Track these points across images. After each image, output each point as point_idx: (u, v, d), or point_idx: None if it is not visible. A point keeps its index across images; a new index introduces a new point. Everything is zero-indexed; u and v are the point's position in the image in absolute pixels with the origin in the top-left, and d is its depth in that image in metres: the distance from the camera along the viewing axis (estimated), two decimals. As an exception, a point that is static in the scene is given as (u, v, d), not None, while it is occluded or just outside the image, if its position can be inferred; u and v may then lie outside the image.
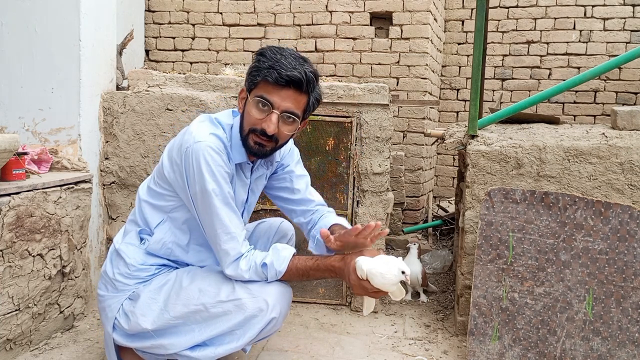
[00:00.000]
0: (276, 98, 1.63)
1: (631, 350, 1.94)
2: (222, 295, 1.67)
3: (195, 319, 1.68)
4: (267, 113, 1.64)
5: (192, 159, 1.63)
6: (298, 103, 1.67)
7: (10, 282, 1.93)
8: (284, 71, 1.59)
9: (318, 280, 2.65)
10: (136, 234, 1.83)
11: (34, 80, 2.50)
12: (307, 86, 1.65)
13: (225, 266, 1.68)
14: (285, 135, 1.70)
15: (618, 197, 2.17)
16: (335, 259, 1.67)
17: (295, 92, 1.64)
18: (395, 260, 1.58)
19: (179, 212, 1.79)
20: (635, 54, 2.26)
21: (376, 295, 1.63)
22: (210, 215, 1.66)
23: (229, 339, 1.67)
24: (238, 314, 1.65)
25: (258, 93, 1.64)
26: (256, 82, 1.65)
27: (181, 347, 1.68)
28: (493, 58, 5.14)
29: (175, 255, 1.82)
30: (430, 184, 5.12)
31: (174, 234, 1.80)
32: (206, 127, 1.70)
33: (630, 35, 4.84)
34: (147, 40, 4.98)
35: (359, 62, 4.60)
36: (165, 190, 1.78)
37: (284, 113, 1.65)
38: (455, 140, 2.45)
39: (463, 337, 2.29)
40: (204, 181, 1.62)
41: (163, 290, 1.73)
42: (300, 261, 1.70)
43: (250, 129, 1.67)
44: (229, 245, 1.67)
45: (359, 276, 1.58)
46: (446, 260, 3.31)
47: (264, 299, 1.65)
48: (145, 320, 1.69)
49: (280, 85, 1.61)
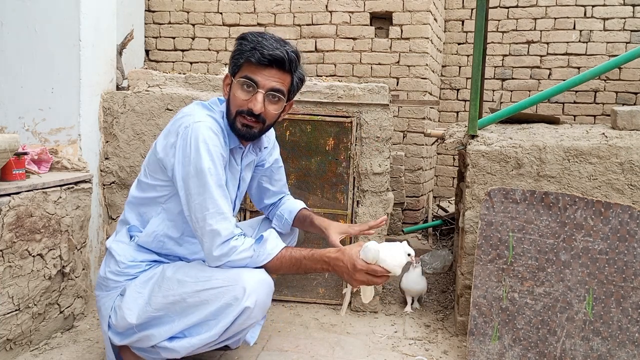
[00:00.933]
0: (260, 77, 1.66)
1: (631, 350, 1.94)
2: (200, 285, 1.64)
3: (175, 309, 1.66)
4: (252, 93, 1.68)
5: (191, 137, 1.62)
6: (282, 82, 1.70)
7: (10, 282, 1.93)
8: (266, 51, 1.63)
9: (318, 280, 2.65)
10: (126, 231, 1.83)
11: (34, 80, 2.50)
12: (290, 65, 1.69)
13: (215, 246, 1.62)
14: (272, 114, 1.73)
15: (618, 197, 2.17)
16: (330, 250, 1.67)
17: (278, 71, 1.68)
18: (399, 244, 1.66)
19: (173, 203, 1.76)
20: (635, 54, 2.26)
21: (378, 282, 1.63)
22: (203, 194, 1.61)
23: (204, 329, 1.64)
24: (214, 303, 1.62)
25: (242, 74, 1.67)
26: (240, 65, 1.68)
27: (161, 337, 1.66)
28: (493, 58, 5.14)
29: (167, 248, 1.80)
30: (430, 184, 5.12)
31: (166, 226, 1.78)
32: (203, 110, 1.72)
33: (630, 35, 4.84)
34: (147, 40, 4.98)
35: (359, 62, 4.60)
36: (157, 180, 1.76)
37: (269, 92, 1.68)
38: (455, 140, 2.45)
39: (463, 337, 2.29)
40: (200, 159, 1.61)
41: (149, 284, 1.72)
42: (295, 250, 1.71)
43: (237, 110, 1.70)
44: (222, 225, 1.62)
45: (367, 261, 1.60)
46: (446, 260, 3.31)
47: (241, 287, 1.60)
48: (131, 315, 1.68)
49: (264, 65, 1.65)
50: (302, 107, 2.61)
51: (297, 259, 1.67)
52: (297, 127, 2.60)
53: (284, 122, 2.58)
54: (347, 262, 1.62)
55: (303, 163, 2.61)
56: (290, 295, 2.67)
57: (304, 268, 1.69)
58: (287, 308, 2.62)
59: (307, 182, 2.62)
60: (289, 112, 2.58)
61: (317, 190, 2.62)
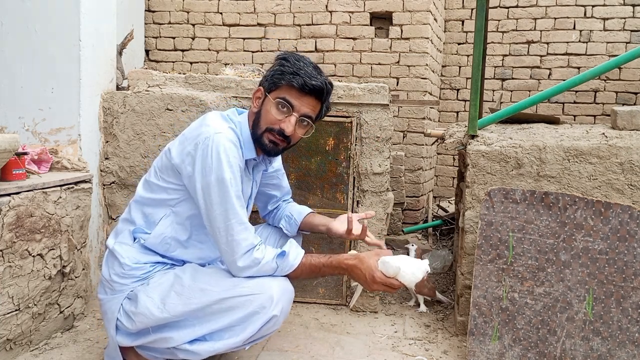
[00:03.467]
0: (297, 102, 1.74)
1: (631, 350, 1.94)
2: (225, 293, 1.67)
3: (197, 315, 1.68)
4: (286, 115, 1.74)
5: (212, 148, 1.66)
6: (314, 109, 1.79)
7: (10, 282, 1.93)
8: (309, 79, 1.72)
9: (318, 280, 2.65)
10: (129, 232, 1.83)
11: (34, 80, 2.50)
12: (325, 96, 1.79)
13: (238, 257, 1.67)
14: (298, 137, 1.81)
15: (618, 197, 2.17)
16: (347, 257, 1.77)
17: (314, 99, 1.77)
18: (417, 261, 1.77)
19: (183, 207, 1.78)
20: (635, 54, 2.26)
21: (392, 291, 1.76)
22: (225, 204, 1.66)
23: (228, 334, 1.67)
24: (240, 310, 1.65)
25: (280, 95, 1.74)
26: (279, 85, 1.75)
27: (181, 340, 1.68)
28: (493, 58, 5.14)
29: (172, 252, 1.82)
30: (430, 184, 5.12)
31: (174, 230, 1.80)
32: (223, 122, 1.77)
33: (630, 35, 4.84)
34: (147, 40, 4.98)
35: (359, 62, 4.60)
36: (170, 184, 1.78)
37: (302, 117, 1.75)
38: (455, 140, 2.45)
39: (463, 337, 2.29)
40: (222, 170, 1.65)
41: (160, 289, 1.73)
42: (314, 257, 1.78)
43: (268, 127, 1.76)
44: (243, 235, 1.67)
45: (386, 274, 1.70)
46: (446, 260, 3.31)
47: (269, 296, 1.65)
48: (147, 320, 1.70)
49: (304, 92, 1.73)
50: (302, 107, 2.61)
51: (316, 267, 1.77)
52: (297, 127, 2.60)
53: (284, 122, 2.59)
54: (366, 272, 1.72)
55: (303, 163, 2.61)
56: (290, 295, 2.67)
57: (322, 274, 1.81)
58: (287, 308, 2.62)
59: (307, 182, 2.62)
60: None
61: (317, 190, 2.62)
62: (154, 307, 1.69)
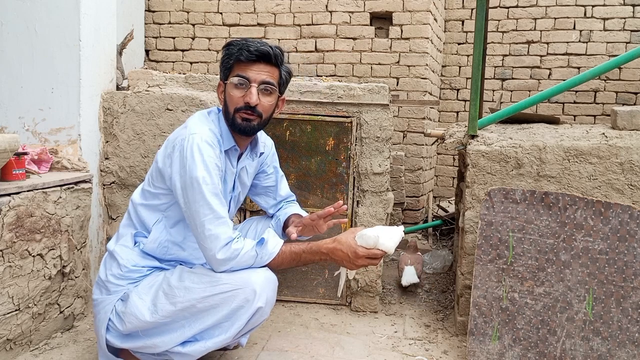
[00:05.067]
0: (251, 73, 1.76)
1: (631, 350, 1.94)
2: (208, 290, 1.68)
3: (184, 315, 1.69)
4: (246, 89, 1.77)
5: (187, 149, 1.70)
6: (272, 75, 1.80)
7: (10, 282, 1.93)
8: (252, 47, 1.75)
9: (318, 281, 2.65)
10: (131, 236, 1.85)
11: (34, 80, 2.50)
12: (276, 59, 1.79)
13: (217, 250, 1.67)
14: (267, 106, 1.81)
15: (618, 197, 2.17)
16: (326, 242, 1.76)
17: (266, 65, 1.78)
18: (391, 227, 1.78)
19: (174, 211, 1.82)
20: (635, 54, 2.26)
21: (376, 263, 1.75)
22: (200, 201, 1.68)
23: (218, 331, 1.69)
24: (225, 306, 1.67)
25: (234, 74, 1.77)
26: (230, 67, 1.79)
27: (172, 343, 1.69)
28: (493, 58, 5.14)
29: (171, 254, 1.84)
30: (430, 184, 5.12)
31: (169, 233, 1.83)
32: (201, 122, 1.80)
33: (630, 35, 4.84)
34: (147, 40, 4.98)
35: (359, 62, 4.60)
36: (159, 189, 1.82)
37: (261, 85, 1.77)
38: (455, 140, 2.45)
39: (463, 337, 2.29)
40: (195, 168, 1.67)
41: (151, 291, 1.75)
42: (293, 245, 1.79)
43: (235, 108, 1.79)
44: (221, 229, 1.68)
45: (366, 247, 1.70)
46: (446, 260, 3.31)
47: (251, 289, 1.66)
48: (137, 322, 1.71)
49: (252, 61, 1.76)
50: (302, 107, 2.61)
51: (296, 254, 1.77)
52: (297, 127, 2.60)
53: (284, 122, 2.58)
54: (347, 250, 1.71)
55: (303, 163, 2.61)
56: (291, 295, 2.67)
57: (304, 261, 1.79)
58: (287, 308, 2.62)
59: (307, 182, 2.62)
60: (290, 113, 2.59)
61: (317, 190, 2.62)
62: (144, 308, 1.71)
